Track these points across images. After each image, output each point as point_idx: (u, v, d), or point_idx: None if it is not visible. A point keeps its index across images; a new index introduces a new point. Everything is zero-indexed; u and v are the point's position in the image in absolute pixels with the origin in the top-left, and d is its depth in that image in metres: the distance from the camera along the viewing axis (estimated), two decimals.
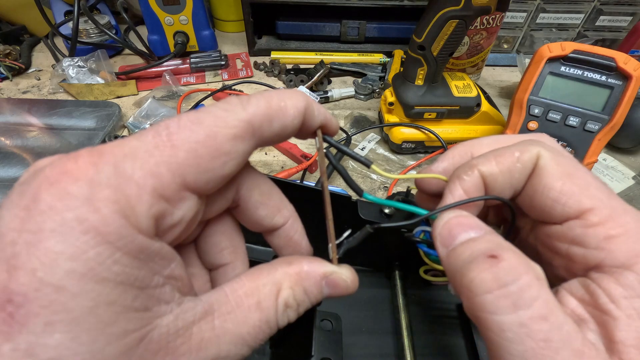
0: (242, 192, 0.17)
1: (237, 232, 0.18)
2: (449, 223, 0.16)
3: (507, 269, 0.13)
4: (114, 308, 0.11)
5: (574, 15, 0.68)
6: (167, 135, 0.13)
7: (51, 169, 0.12)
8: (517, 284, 0.13)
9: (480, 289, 0.13)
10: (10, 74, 0.64)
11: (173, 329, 0.13)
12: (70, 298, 0.10)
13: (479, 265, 0.13)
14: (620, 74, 0.39)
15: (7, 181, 0.44)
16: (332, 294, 0.17)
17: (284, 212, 0.18)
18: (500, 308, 0.13)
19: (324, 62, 0.65)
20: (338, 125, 0.18)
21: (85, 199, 0.11)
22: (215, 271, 0.18)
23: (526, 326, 0.12)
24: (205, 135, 0.13)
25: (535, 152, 0.16)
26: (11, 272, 0.10)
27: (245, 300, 0.15)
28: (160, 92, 0.60)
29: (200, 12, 0.64)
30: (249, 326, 0.14)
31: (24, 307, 0.10)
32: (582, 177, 0.15)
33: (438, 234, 0.16)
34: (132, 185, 0.12)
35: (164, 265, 0.13)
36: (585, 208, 0.14)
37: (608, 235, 0.14)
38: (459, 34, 0.43)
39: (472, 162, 0.17)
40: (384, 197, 0.46)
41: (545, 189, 0.15)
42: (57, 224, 0.11)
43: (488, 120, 0.51)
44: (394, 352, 0.27)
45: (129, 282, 0.12)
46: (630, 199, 0.48)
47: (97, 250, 0.11)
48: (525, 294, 0.12)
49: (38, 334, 0.10)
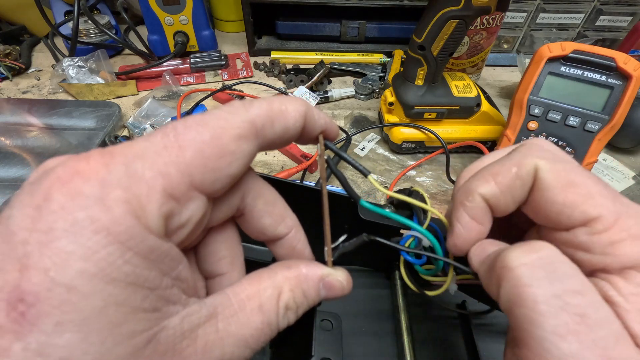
0: (248, 200, 0.17)
1: (237, 243, 0.18)
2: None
3: (541, 244, 0.14)
4: (124, 309, 0.11)
5: (574, 15, 0.68)
6: (174, 136, 0.13)
7: (63, 168, 0.12)
8: (551, 258, 0.13)
9: (516, 259, 0.13)
10: (10, 74, 0.64)
11: (179, 331, 0.13)
12: (81, 298, 0.11)
13: (515, 248, 0.14)
14: (620, 74, 0.39)
15: (7, 181, 0.44)
16: (328, 296, 0.17)
17: (288, 221, 0.18)
18: (536, 280, 0.13)
19: (324, 62, 0.65)
20: (338, 129, 0.19)
21: (97, 198, 0.11)
22: (212, 280, 0.18)
23: (561, 299, 0.12)
24: (211, 135, 0.13)
25: (533, 165, 0.16)
26: (23, 271, 0.10)
27: (248, 303, 0.15)
28: (160, 92, 0.60)
29: (200, 12, 0.64)
30: (251, 329, 0.15)
31: (35, 307, 0.10)
32: (584, 184, 0.15)
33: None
34: (142, 185, 0.12)
35: (172, 267, 0.13)
36: (590, 217, 0.14)
37: (613, 241, 0.14)
38: (459, 34, 0.43)
39: (471, 186, 0.17)
40: (384, 197, 0.46)
41: (548, 203, 0.15)
42: (68, 223, 0.11)
43: (488, 120, 0.51)
44: (394, 352, 0.27)
45: (139, 282, 0.12)
46: (631, 199, 0.48)
47: (108, 250, 0.11)
48: (561, 268, 0.13)
49: (49, 333, 0.10)
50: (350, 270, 0.18)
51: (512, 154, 0.17)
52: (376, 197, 0.46)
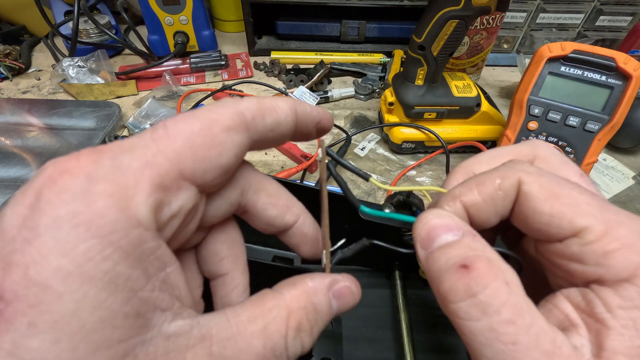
0: (249, 195, 0.17)
1: (239, 243, 0.18)
2: (428, 225, 0.16)
3: (477, 278, 0.13)
4: (100, 312, 0.10)
5: (574, 15, 0.68)
6: (163, 130, 0.13)
7: (53, 167, 0.12)
8: (485, 292, 0.13)
9: (454, 297, 0.14)
10: (10, 74, 0.64)
11: (162, 350, 0.12)
12: (55, 298, 0.10)
13: (453, 276, 0.14)
14: (620, 74, 0.39)
15: (7, 181, 0.44)
16: (340, 307, 0.16)
17: (294, 209, 0.18)
18: (472, 315, 0.13)
19: (324, 62, 0.65)
20: (332, 119, 0.19)
21: (82, 193, 0.11)
22: (215, 281, 0.18)
23: (495, 330, 0.13)
24: (201, 126, 0.13)
25: (516, 178, 0.16)
26: (6, 268, 0.10)
27: (248, 326, 0.14)
28: (160, 92, 0.60)
29: (200, 12, 0.64)
30: (251, 354, 0.13)
31: (12, 305, 0.10)
32: (569, 195, 0.15)
33: (417, 236, 0.16)
34: (129, 176, 0.12)
35: (159, 267, 0.12)
36: (579, 228, 0.14)
37: (606, 251, 0.14)
38: (459, 34, 0.43)
39: (454, 193, 0.17)
40: (384, 197, 0.46)
41: (535, 215, 0.15)
42: (51, 219, 0.10)
43: (488, 120, 0.51)
44: (394, 352, 0.27)
45: (119, 282, 0.11)
46: (631, 199, 0.48)
47: (86, 246, 0.10)
48: (493, 301, 0.13)
49: (22, 333, 0.10)
50: (350, 270, 0.18)
51: (499, 166, 0.17)
52: (376, 197, 0.46)
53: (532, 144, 0.19)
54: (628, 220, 0.14)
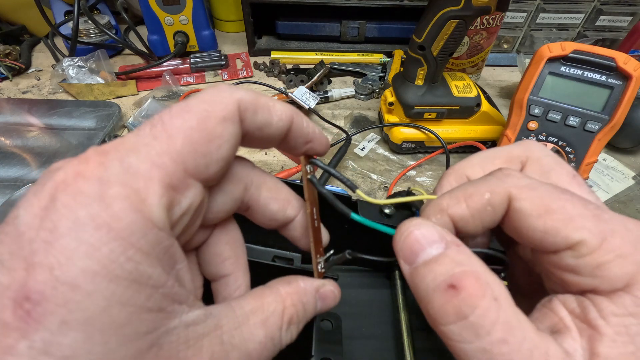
0: (251, 192, 0.17)
1: (240, 243, 0.19)
2: (409, 238, 0.15)
3: (467, 299, 0.13)
4: (128, 308, 0.11)
5: (574, 15, 0.68)
6: (162, 125, 0.13)
7: (65, 171, 0.12)
8: (475, 313, 0.13)
9: (444, 320, 0.14)
10: (10, 74, 0.64)
11: (183, 338, 0.13)
12: (85, 297, 0.11)
13: (441, 297, 0.14)
14: (620, 74, 0.39)
15: (7, 181, 0.44)
16: (322, 307, 0.18)
17: (295, 203, 0.19)
18: (464, 337, 0.13)
19: (324, 62, 0.65)
20: (328, 143, 0.19)
21: (97, 196, 0.11)
22: (217, 282, 0.18)
23: (488, 351, 0.13)
24: (197, 120, 0.13)
25: (506, 194, 0.15)
26: (29, 270, 0.10)
27: (251, 317, 0.15)
28: (160, 92, 0.60)
29: (200, 12, 0.64)
30: (255, 343, 0.15)
31: (41, 305, 0.10)
32: (562, 208, 0.14)
33: (400, 250, 0.16)
34: (139, 178, 0.12)
35: (172, 265, 0.13)
36: (573, 242, 0.14)
37: (600, 263, 0.14)
38: (459, 34, 0.43)
39: (442, 204, 0.17)
40: (384, 197, 0.46)
41: (529, 230, 0.15)
42: (71, 221, 0.11)
43: (488, 120, 0.51)
44: (394, 352, 0.27)
45: (142, 280, 0.12)
46: (631, 199, 0.48)
47: (110, 247, 0.11)
48: (484, 322, 0.13)
49: (54, 332, 0.10)
50: (350, 270, 0.18)
51: (489, 176, 0.17)
52: (376, 195, 0.46)
53: (525, 144, 0.19)
54: (622, 228, 0.14)
